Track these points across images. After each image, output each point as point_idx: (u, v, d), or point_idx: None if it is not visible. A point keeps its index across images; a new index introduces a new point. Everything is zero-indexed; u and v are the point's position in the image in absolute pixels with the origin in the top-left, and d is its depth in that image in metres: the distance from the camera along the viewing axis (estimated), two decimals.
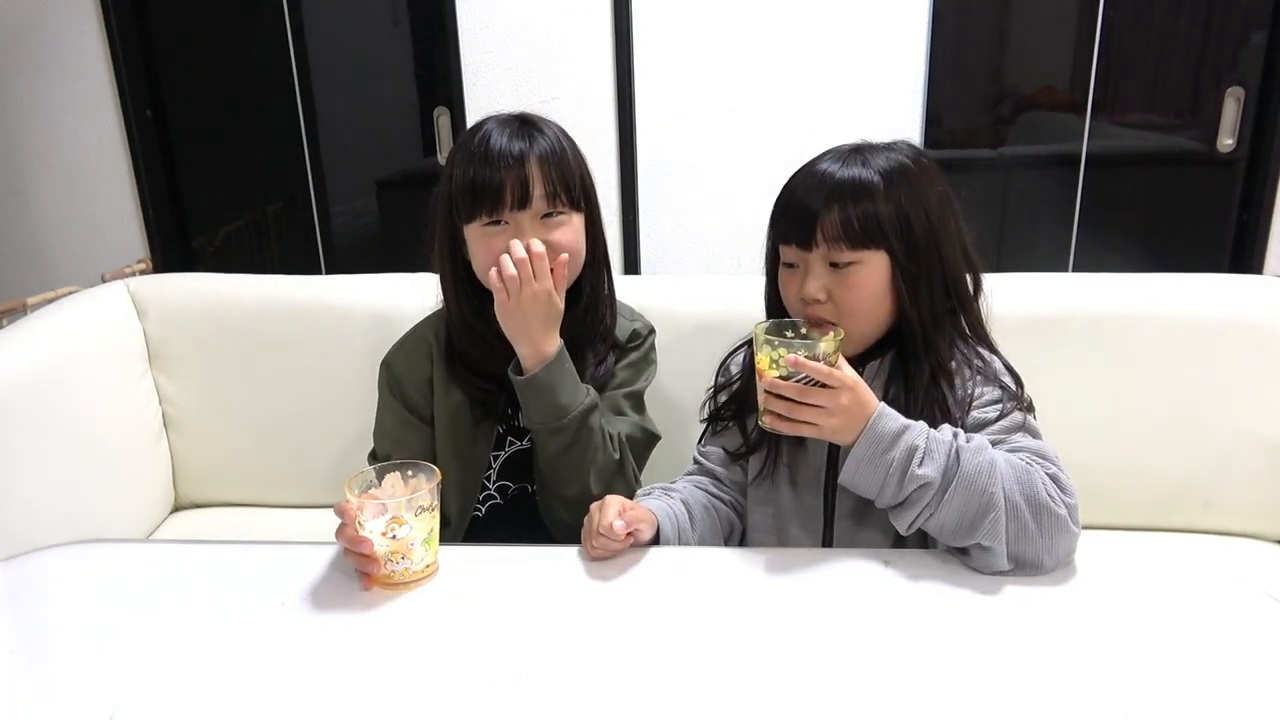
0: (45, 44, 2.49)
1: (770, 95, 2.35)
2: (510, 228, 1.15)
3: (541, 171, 1.15)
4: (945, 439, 0.96)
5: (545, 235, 1.15)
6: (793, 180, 1.11)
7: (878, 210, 1.03)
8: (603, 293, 1.27)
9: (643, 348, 1.32)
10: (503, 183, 1.13)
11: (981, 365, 1.08)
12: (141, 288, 1.71)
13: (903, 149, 1.09)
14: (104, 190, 2.60)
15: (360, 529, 0.93)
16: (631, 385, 1.29)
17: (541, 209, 1.15)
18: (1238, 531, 1.56)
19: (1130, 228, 2.49)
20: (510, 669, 0.83)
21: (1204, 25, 2.32)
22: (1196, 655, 0.83)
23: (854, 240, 1.04)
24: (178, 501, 1.77)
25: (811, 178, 1.07)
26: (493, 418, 1.27)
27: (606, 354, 1.27)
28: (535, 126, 1.18)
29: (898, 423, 0.96)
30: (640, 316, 1.35)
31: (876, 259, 1.05)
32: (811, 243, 1.05)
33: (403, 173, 2.67)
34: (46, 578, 1.01)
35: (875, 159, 1.06)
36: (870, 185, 1.04)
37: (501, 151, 1.14)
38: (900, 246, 1.04)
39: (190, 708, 0.79)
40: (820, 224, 1.04)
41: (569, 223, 1.18)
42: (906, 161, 1.07)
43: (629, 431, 1.25)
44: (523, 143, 1.15)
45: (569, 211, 1.18)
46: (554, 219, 1.16)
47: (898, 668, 0.82)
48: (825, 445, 1.13)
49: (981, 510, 0.92)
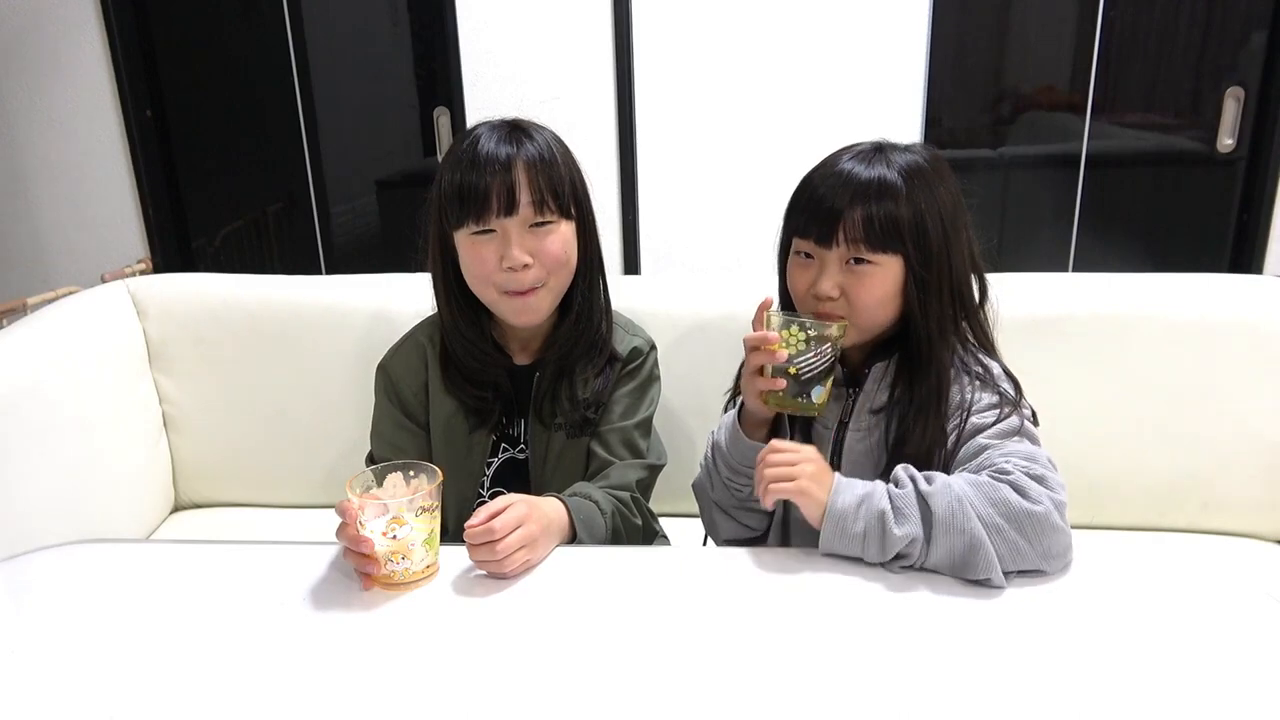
0: (45, 45, 2.49)
1: (770, 95, 2.35)
2: (499, 235, 1.14)
3: (528, 177, 1.13)
4: (907, 491, 0.95)
5: (533, 244, 1.14)
6: (813, 175, 1.10)
7: (899, 214, 1.03)
8: (596, 302, 1.25)
9: (645, 367, 1.29)
10: (489, 189, 1.12)
11: (981, 371, 1.08)
12: (141, 288, 1.71)
13: (920, 151, 1.08)
14: (104, 190, 2.60)
15: (361, 529, 0.93)
16: (641, 414, 1.27)
17: (529, 216, 1.14)
18: (1238, 531, 1.56)
19: (1130, 228, 2.49)
20: (510, 669, 0.83)
21: (1204, 25, 2.32)
22: (1196, 655, 0.83)
23: (874, 243, 1.04)
24: (178, 501, 1.77)
25: (835, 175, 1.07)
26: (487, 425, 1.26)
27: (604, 367, 1.25)
28: (525, 132, 1.17)
29: (854, 495, 0.96)
30: (640, 331, 1.32)
31: (893, 263, 1.05)
32: (832, 241, 1.05)
33: (403, 173, 2.67)
34: (46, 578, 1.01)
35: (897, 160, 1.06)
36: (894, 188, 1.03)
37: (489, 156, 1.13)
38: (916, 254, 1.04)
39: (190, 708, 0.79)
40: (843, 223, 1.04)
41: (557, 231, 1.16)
42: (925, 164, 1.06)
43: (640, 476, 1.24)
44: (510, 148, 1.14)
45: (558, 219, 1.16)
46: (543, 227, 1.15)
47: (897, 667, 0.82)
48: (831, 440, 1.14)
49: (969, 548, 0.91)
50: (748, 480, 1.11)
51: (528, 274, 1.14)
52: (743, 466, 1.11)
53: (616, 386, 1.26)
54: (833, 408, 1.14)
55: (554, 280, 1.18)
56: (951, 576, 0.94)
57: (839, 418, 1.14)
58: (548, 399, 1.24)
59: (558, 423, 1.25)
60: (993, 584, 0.91)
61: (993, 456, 0.99)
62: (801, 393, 1.03)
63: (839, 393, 1.14)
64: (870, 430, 1.12)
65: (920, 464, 1.00)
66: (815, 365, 1.03)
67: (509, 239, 1.14)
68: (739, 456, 1.11)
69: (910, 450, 1.06)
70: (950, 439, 1.05)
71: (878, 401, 1.11)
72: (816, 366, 1.03)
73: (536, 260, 1.15)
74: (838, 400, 1.14)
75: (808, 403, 1.04)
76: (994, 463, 0.97)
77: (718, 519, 1.19)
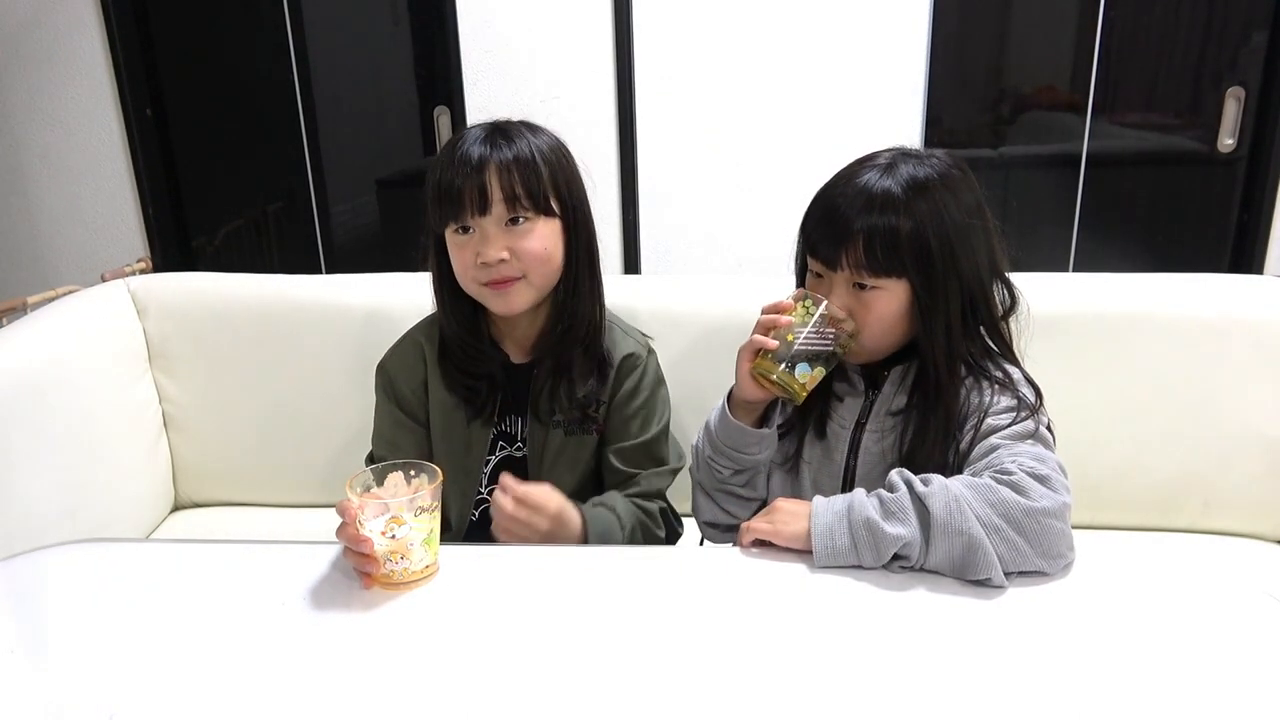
0: (45, 44, 2.49)
1: (770, 94, 2.35)
2: (476, 233, 1.17)
3: (500, 177, 1.15)
4: (902, 494, 0.95)
5: (511, 242, 1.16)
6: (829, 191, 1.10)
7: (898, 239, 1.03)
8: (581, 300, 1.24)
9: (647, 375, 1.29)
10: (462, 188, 1.15)
11: (1002, 376, 1.08)
12: (141, 287, 1.71)
13: (935, 163, 1.08)
14: (104, 190, 2.60)
15: (360, 528, 0.93)
16: (657, 426, 1.28)
17: (504, 214, 1.16)
18: (1238, 531, 1.56)
19: (1130, 228, 2.49)
20: (510, 669, 0.83)
21: (1204, 25, 2.32)
22: (1197, 655, 0.83)
23: (876, 268, 1.05)
24: (178, 501, 1.77)
25: (845, 195, 1.07)
26: (483, 418, 1.27)
27: (594, 367, 1.26)
28: (505, 134, 1.19)
29: (833, 512, 0.96)
30: (637, 334, 1.32)
31: (897, 286, 1.05)
32: (837, 265, 1.06)
33: (403, 172, 2.67)
34: (46, 578, 1.00)
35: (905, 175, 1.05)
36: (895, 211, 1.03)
37: (463, 158, 1.16)
38: (919, 278, 1.04)
39: (190, 708, 0.79)
40: (846, 247, 1.05)
41: (535, 230, 1.17)
42: (935, 178, 1.06)
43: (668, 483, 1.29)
44: (485, 149, 1.16)
45: (535, 217, 1.17)
46: (519, 226, 1.17)
47: (897, 667, 0.82)
48: (848, 440, 1.14)
49: (968, 549, 0.91)
50: (729, 462, 1.14)
51: (504, 267, 1.17)
52: (725, 446, 1.13)
53: (629, 399, 1.27)
54: (850, 407, 1.15)
55: (535, 276, 1.19)
56: (952, 577, 0.94)
57: (856, 418, 1.14)
58: (545, 396, 1.25)
59: (556, 420, 1.26)
60: (993, 584, 0.91)
61: (1001, 456, 0.99)
62: (789, 362, 1.04)
63: (856, 392, 1.15)
64: (886, 433, 1.12)
65: (931, 471, 1.00)
66: (812, 342, 1.04)
67: (485, 236, 1.16)
68: (723, 435, 1.13)
69: (921, 459, 1.06)
70: (965, 440, 1.05)
71: (896, 404, 1.12)
72: (812, 344, 1.04)
73: (514, 256, 1.17)
74: (855, 399, 1.15)
75: (790, 375, 1.04)
76: (1001, 462, 0.97)
77: (699, 500, 1.22)
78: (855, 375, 1.15)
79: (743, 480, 1.16)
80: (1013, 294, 1.13)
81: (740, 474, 1.15)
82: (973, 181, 1.10)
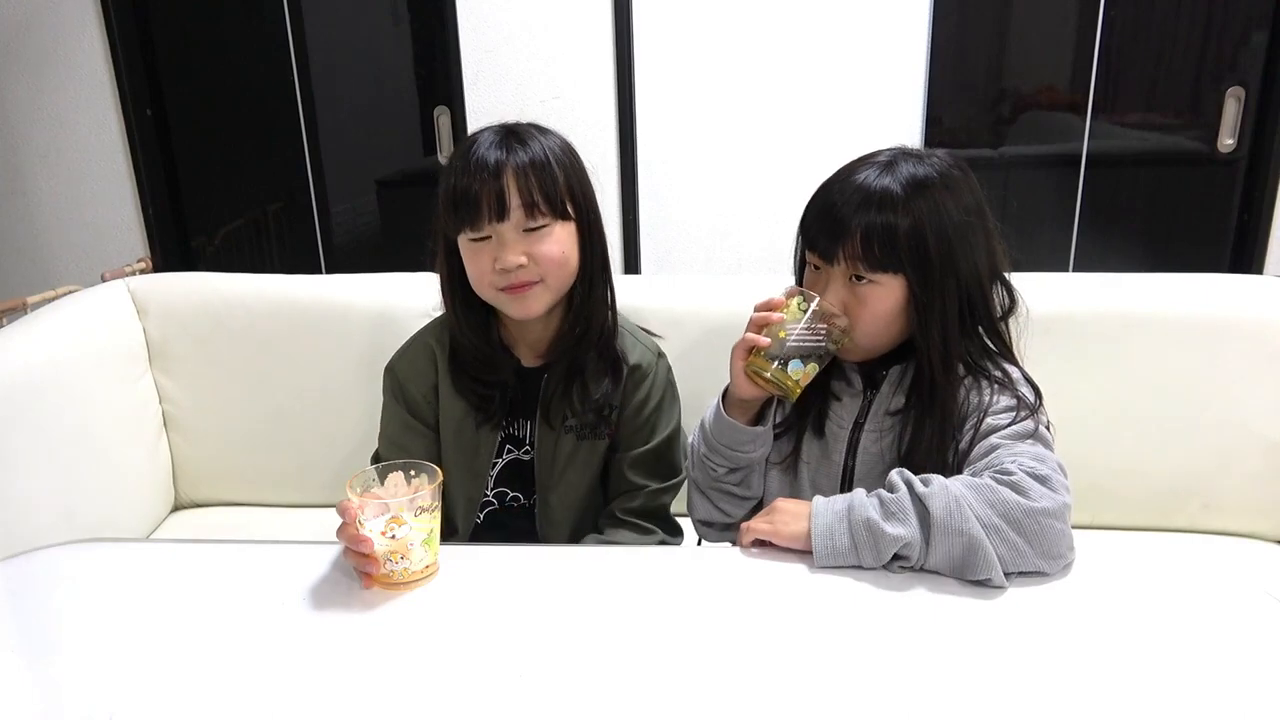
0: (45, 44, 2.49)
1: (770, 94, 2.35)
2: (493, 240, 1.15)
3: (517, 182, 1.14)
4: (902, 495, 0.95)
5: (529, 247, 1.15)
6: (828, 186, 1.10)
7: (896, 235, 1.03)
8: (597, 303, 1.24)
9: (657, 381, 1.28)
10: (479, 195, 1.13)
11: (1001, 376, 1.08)
12: (141, 287, 1.71)
13: (935, 162, 1.08)
14: (104, 190, 2.60)
15: (360, 528, 0.93)
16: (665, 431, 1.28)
17: (521, 220, 1.15)
18: (1238, 531, 1.56)
19: (1130, 228, 2.49)
20: (510, 669, 0.83)
21: (1204, 25, 2.32)
22: (1197, 655, 0.83)
23: (873, 262, 1.05)
24: (178, 501, 1.77)
25: (842, 192, 1.07)
26: (492, 422, 1.26)
27: (608, 369, 1.25)
28: (519, 137, 1.17)
29: (834, 512, 0.96)
30: (648, 340, 1.31)
31: (894, 283, 1.05)
32: (834, 258, 1.06)
33: (403, 172, 2.67)
34: (46, 578, 1.00)
35: (905, 173, 1.05)
36: (893, 208, 1.03)
37: (479, 163, 1.14)
38: (915, 275, 1.04)
39: (190, 708, 0.79)
40: (843, 243, 1.05)
41: (553, 234, 1.16)
42: (934, 176, 1.06)
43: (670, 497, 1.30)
44: (500, 153, 1.15)
45: (552, 221, 1.16)
46: (537, 231, 1.16)
47: (897, 667, 0.82)
48: (846, 439, 1.14)
49: (967, 549, 0.91)
50: (723, 460, 1.14)
51: (522, 272, 1.15)
52: (719, 444, 1.13)
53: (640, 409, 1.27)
54: (849, 407, 1.15)
55: (551, 279, 1.18)
56: (952, 577, 0.94)
57: (854, 418, 1.14)
58: (557, 400, 1.24)
59: (568, 425, 1.25)
60: (993, 584, 0.91)
61: (1001, 456, 0.99)
62: (781, 360, 1.04)
63: (854, 392, 1.14)
64: (885, 433, 1.12)
65: (929, 471, 1.00)
66: (804, 340, 1.04)
67: (503, 243, 1.15)
68: (717, 433, 1.13)
69: (919, 459, 1.06)
70: (965, 439, 1.05)
71: (894, 404, 1.12)
72: (805, 341, 1.04)
73: (532, 260, 1.15)
74: (854, 399, 1.14)
75: (783, 372, 1.04)
76: (1001, 462, 0.97)
77: (694, 497, 1.22)
78: (853, 375, 1.15)
79: (737, 479, 1.16)
80: (1012, 295, 1.13)
81: (735, 472, 1.15)
82: (973, 182, 1.10)
